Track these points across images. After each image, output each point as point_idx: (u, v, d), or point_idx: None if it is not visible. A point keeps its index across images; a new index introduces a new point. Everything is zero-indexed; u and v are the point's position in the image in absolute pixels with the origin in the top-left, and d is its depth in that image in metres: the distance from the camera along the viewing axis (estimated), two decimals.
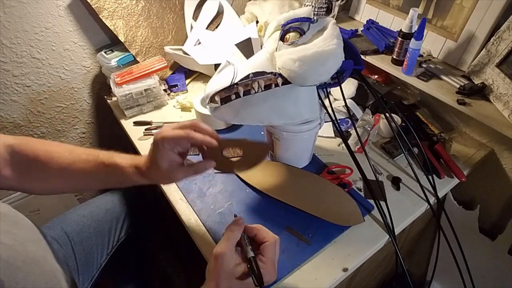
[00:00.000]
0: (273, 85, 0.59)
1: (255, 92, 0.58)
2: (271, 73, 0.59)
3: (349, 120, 0.88)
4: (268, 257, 0.47)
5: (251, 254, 0.48)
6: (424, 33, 0.78)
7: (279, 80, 0.58)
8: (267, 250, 0.48)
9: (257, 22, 1.05)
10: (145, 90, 0.92)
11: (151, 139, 0.85)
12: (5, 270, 0.47)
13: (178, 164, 0.50)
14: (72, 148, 0.54)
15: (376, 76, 0.99)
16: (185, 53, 0.99)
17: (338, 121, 0.71)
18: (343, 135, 0.72)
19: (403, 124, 0.83)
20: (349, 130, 0.87)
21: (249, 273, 0.46)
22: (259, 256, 0.48)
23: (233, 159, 0.56)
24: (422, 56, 0.88)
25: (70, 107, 1.07)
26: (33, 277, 0.52)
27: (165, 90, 1.01)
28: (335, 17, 0.62)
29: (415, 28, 0.79)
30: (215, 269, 0.46)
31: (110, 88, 0.97)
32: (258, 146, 0.56)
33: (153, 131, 0.90)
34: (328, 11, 0.61)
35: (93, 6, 0.90)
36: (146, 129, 0.91)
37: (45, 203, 1.15)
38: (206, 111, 0.85)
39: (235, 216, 0.53)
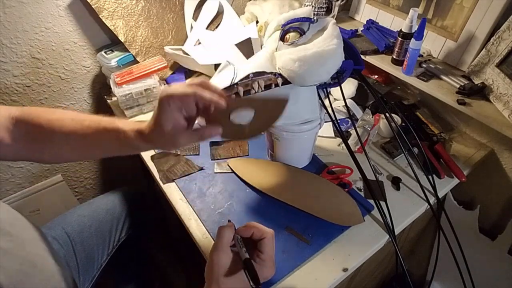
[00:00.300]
0: (273, 85, 0.59)
1: (255, 92, 0.58)
2: (271, 73, 0.59)
3: (349, 120, 0.88)
4: (267, 253, 0.48)
5: (245, 256, 0.47)
6: (424, 33, 0.78)
7: (279, 80, 0.58)
8: (265, 246, 0.48)
9: (257, 22, 1.05)
10: (145, 90, 0.92)
11: None
12: (2, 276, 0.47)
13: (183, 128, 0.47)
14: (74, 115, 0.53)
15: (376, 76, 0.99)
16: (185, 53, 0.99)
17: (338, 121, 0.71)
18: (343, 135, 0.72)
19: (403, 124, 0.83)
20: (349, 130, 0.87)
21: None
22: (257, 253, 0.48)
23: (243, 123, 0.50)
24: (422, 56, 0.88)
25: (70, 107, 1.07)
26: (32, 279, 0.52)
27: None
28: (335, 17, 0.62)
29: (415, 28, 0.79)
30: (212, 269, 0.46)
31: (110, 88, 0.97)
32: (274, 102, 0.49)
33: None
34: (328, 11, 0.61)
35: (93, 6, 0.90)
36: None
37: (45, 203, 1.15)
38: None
39: (229, 221, 0.52)
